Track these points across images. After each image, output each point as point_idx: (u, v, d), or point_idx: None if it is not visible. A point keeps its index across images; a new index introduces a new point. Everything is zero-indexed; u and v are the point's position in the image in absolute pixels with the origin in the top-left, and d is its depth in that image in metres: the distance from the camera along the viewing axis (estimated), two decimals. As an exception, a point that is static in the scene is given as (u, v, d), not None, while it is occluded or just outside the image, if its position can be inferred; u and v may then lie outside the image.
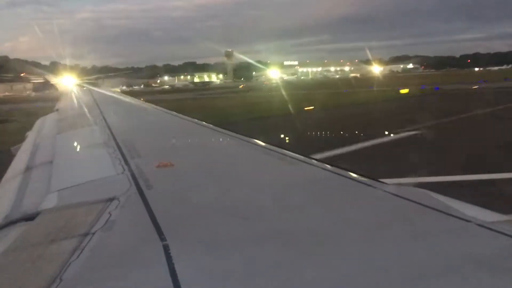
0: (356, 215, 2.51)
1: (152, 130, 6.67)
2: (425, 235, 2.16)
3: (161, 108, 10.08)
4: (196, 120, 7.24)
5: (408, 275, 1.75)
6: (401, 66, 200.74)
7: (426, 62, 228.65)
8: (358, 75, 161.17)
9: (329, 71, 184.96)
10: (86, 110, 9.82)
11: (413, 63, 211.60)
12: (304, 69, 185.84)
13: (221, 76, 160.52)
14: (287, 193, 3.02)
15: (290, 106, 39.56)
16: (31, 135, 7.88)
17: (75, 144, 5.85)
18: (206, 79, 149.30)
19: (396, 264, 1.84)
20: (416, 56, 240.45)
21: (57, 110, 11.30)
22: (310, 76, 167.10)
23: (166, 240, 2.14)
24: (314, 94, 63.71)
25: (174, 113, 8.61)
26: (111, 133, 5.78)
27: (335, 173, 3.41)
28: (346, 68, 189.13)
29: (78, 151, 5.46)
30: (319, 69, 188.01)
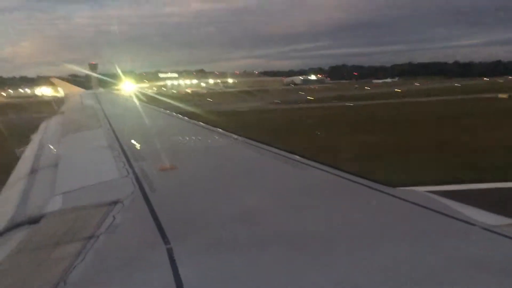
0: (361, 218, 2.49)
1: (156, 133, 6.53)
2: (430, 238, 2.17)
3: (165, 111, 10.02)
4: (200, 123, 7.21)
5: (413, 278, 1.74)
6: (301, 77, 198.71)
7: (345, 72, 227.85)
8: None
9: (208, 83, 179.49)
10: (90, 113, 9.78)
11: (314, 74, 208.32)
12: (176, 82, 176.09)
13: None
14: (291, 196, 3.00)
15: None
16: (35, 138, 7.91)
17: (80, 147, 5.89)
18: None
19: (401, 267, 1.84)
20: (319, 68, 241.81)
21: (61, 113, 11.15)
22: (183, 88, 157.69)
23: (169, 244, 2.14)
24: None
25: (178, 115, 8.62)
26: (115, 136, 5.83)
27: (339, 176, 3.39)
28: (230, 80, 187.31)
29: (82, 154, 5.45)
30: (194, 81, 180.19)
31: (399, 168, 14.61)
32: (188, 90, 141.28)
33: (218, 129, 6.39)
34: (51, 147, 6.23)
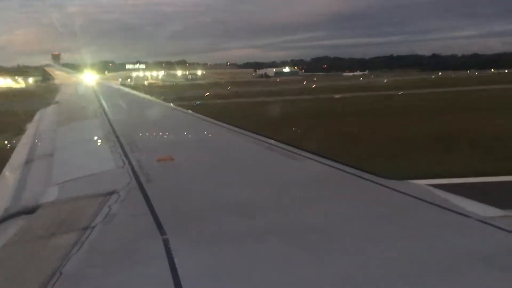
0: (357, 211, 2.50)
1: (152, 123, 6.50)
2: (426, 230, 2.18)
3: (161, 102, 10.05)
4: (197, 114, 7.13)
5: (409, 270, 1.76)
6: (274, 70, 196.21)
7: (326, 64, 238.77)
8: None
9: (175, 75, 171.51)
10: (86, 103, 9.65)
11: (290, 66, 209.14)
12: (141, 74, 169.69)
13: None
14: (289, 189, 3.00)
15: None
16: (31, 128, 7.79)
17: (75, 137, 5.76)
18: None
19: (397, 259, 1.85)
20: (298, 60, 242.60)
21: (57, 102, 10.99)
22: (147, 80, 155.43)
23: (166, 235, 2.14)
24: None
25: (175, 106, 8.64)
26: (111, 126, 5.72)
27: (336, 168, 3.38)
28: (198, 73, 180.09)
29: (78, 145, 5.34)
30: (162, 73, 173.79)
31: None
32: (146, 83, 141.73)
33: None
34: (47, 137, 6.10)
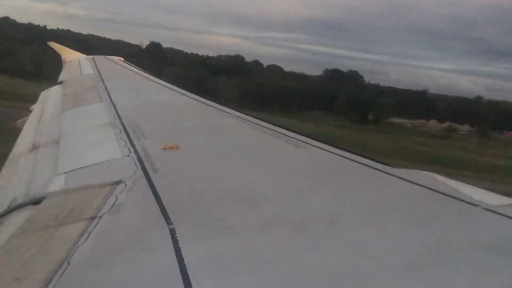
0: (363, 199, 2.49)
1: (158, 109, 6.31)
2: (432, 218, 2.17)
3: (168, 85, 9.41)
4: (203, 99, 6.89)
5: (415, 259, 1.74)
6: None
7: None
8: None
9: None
10: (90, 85, 9.33)
11: None
12: None
13: None
14: (296, 177, 2.97)
15: None
16: (36, 110, 7.57)
17: (81, 124, 5.63)
18: None
19: (404, 248, 1.84)
20: None
21: (61, 82, 10.52)
22: None
23: (172, 224, 2.13)
24: None
25: (182, 90, 8.16)
26: (117, 112, 5.57)
27: (342, 156, 3.35)
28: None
29: (83, 132, 5.23)
30: None
31: None
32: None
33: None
34: (52, 122, 6.02)
